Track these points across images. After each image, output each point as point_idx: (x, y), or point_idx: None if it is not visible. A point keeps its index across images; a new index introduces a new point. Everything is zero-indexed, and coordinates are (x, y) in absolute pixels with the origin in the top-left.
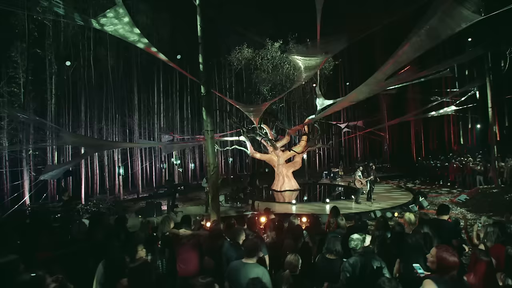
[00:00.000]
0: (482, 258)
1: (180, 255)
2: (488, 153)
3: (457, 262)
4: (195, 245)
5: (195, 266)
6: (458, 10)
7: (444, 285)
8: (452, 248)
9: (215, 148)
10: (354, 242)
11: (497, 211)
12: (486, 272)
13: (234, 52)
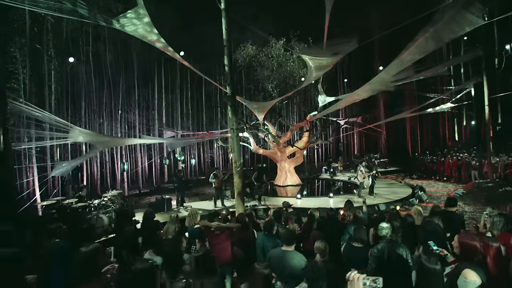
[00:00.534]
0: (492, 244)
1: (215, 245)
2: (482, 148)
3: (478, 246)
4: (228, 236)
5: (228, 256)
6: (463, 15)
7: (481, 272)
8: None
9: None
10: (384, 231)
11: (492, 204)
12: (495, 256)
13: (238, 49)
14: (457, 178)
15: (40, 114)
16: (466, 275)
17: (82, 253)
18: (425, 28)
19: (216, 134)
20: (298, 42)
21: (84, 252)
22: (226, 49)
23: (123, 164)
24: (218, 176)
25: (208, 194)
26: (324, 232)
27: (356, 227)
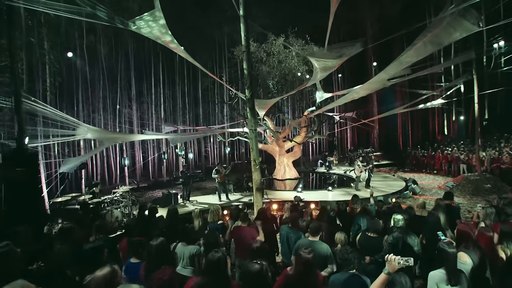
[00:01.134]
0: (486, 233)
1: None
2: (470, 143)
3: (472, 234)
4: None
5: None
6: (460, 21)
7: (473, 254)
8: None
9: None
10: (400, 222)
11: (480, 196)
12: (488, 243)
13: (239, 45)
14: (447, 171)
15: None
16: (460, 257)
17: (153, 245)
18: (424, 32)
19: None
20: (296, 38)
21: (155, 245)
22: (245, 55)
23: (124, 159)
24: (221, 172)
25: (209, 188)
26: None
27: (370, 220)
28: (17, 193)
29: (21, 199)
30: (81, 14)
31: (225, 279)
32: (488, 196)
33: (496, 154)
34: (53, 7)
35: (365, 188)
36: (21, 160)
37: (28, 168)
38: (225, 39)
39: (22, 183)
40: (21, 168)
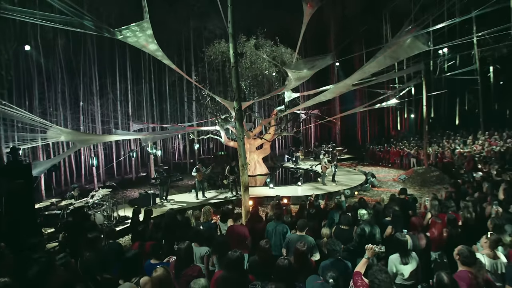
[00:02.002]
0: (437, 221)
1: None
2: (419, 139)
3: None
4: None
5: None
6: (414, 41)
7: (414, 238)
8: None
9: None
10: (365, 216)
11: (427, 186)
12: (439, 228)
13: (211, 46)
14: (399, 164)
15: (18, 114)
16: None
17: (182, 248)
18: (384, 48)
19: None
20: (265, 39)
21: (184, 248)
22: (233, 70)
23: (92, 158)
24: (200, 170)
25: (183, 186)
26: (313, 219)
27: (342, 214)
28: (17, 204)
29: (21, 210)
30: (69, 24)
31: (243, 272)
32: (433, 187)
33: (440, 149)
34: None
35: (331, 183)
36: (18, 172)
37: (25, 179)
38: (191, 34)
39: (21, 195)
40: (19, 180)
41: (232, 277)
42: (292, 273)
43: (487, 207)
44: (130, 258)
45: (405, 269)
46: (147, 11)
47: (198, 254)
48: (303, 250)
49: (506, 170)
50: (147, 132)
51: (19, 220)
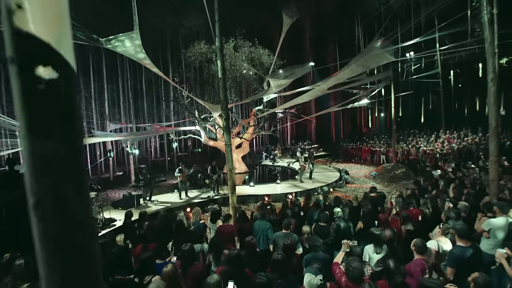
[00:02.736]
0: (395, 218)
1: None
2: (389, 137)
3: (382, 219)
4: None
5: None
6: (383, 54)
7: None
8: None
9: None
10: (339, 213)
11: (394, 182)
12: (397, 225)
13: (191, 47)
14: (370, 161)
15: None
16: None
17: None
18: (357, 57)
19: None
20: (244, 40)
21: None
22: (221, 81)
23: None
24: (183, 171)
25: (164, 186)
26: (295, 217)
27: (320, 213)
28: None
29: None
30: None
31: (241, 267)
32: (400, 182)
33: (406, 147)
34: None
35: (308, 180)
36: (15, 182)
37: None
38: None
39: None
40: (18, 190)
41: (233, 271)
42: (285, 265)
43: (441, 203)
44: (144, 259)
45: (375, 258)
46: (137, 22)
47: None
48: (291, 245)
49: (461, 167)
50: (127, 133)
51: (19, 228)
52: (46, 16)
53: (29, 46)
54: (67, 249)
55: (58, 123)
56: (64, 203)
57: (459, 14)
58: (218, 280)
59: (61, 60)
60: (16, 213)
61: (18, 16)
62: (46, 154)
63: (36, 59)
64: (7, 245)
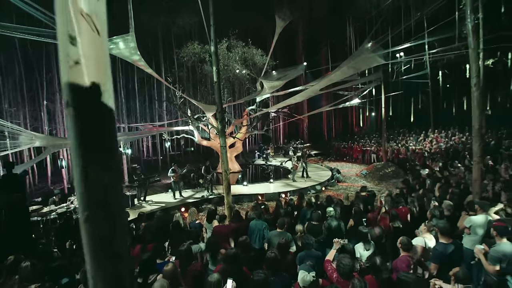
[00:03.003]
0: (384, 216)
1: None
2: (379, 136)
3: (371, 218)
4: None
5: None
6: (373, 57)
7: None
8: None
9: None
10: (331, 212)
11: (384, 181)
12: (386, 223)
13: (184, 47)
14: (361, 160)
15: None
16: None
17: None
18: (348, 60)
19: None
20: (237, 40)
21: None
22: (216, 85)
23: (60, 160)
24: (177, 171)
25: (157, 186)
26: (288, 216)
27: (313, 212)
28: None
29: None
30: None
31: (239, 266)
32: (390, 181)
33: (396, 146)
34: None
35: (301, 179)
36: (14, 185)
37: (22, 192)
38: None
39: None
40: (17, 193)
41: (231, 269)
42: (278, 263)
43: (427, 201)
44: (145, 260)
45: (365, 254)
46: (133, 25)
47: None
48: (285, 244)
49: (448, 167)
50: (120, 133)
51: (19, 231)
52: (96, 70)
53: (82, 94)
54: (109, 253)
55: (104, 155)
56: (106, 217)
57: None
58: (219, 278)
59: (106, 104)
60: (15, 215)
61: (75, 70)
62: (94, 178)
63: (87, 104)
64: (7, 247)
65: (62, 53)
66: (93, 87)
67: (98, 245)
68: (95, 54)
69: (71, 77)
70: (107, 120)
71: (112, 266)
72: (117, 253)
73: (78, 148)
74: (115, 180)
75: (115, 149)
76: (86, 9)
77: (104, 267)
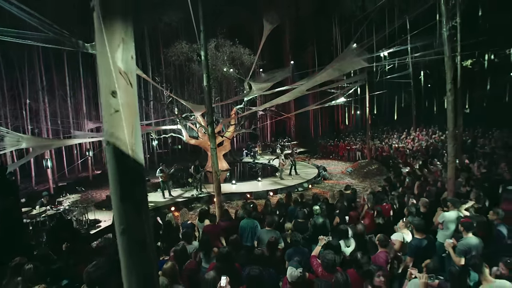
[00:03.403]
0: (368, 211)
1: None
2: (364, 134)
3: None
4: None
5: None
6: (358, 60)
7: (353, 227)
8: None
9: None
10: (317, 211)
11: (369, 178)
12: (371, 218)
13: (172, 47)
14: (347, 158)
15: None
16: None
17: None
18: (333, 62)
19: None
20: (225, 39)
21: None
22: (206, 88)
23: (46, 160)
24: (165, 171)
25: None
26: (276, 214)
27: (299, 210)
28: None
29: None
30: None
31: (231, 263)
32: (374, 178)
33: (380, 144)
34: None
35: (288, 177)
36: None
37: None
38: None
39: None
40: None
41: (224, 266)
42: (265, 259)
43: (407, 198)
44: None
45: (347, 250)
46: None
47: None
48: (274, 242)
49: (427, 164)
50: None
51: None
52: (130, 115)
53: (120, 135)
54: (140, 258)
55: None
56: (137, 232)
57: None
58: (215, 276)
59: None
60: (9, 220)
61: (115, 116)
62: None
63: (123, 142)
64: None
65: (105, 103)
66: (127, 130)
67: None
68: (129, 102)
69: (112, 123)
70: (137, 152)
71: (145, 266)
72: (149, 256)
73: (115, 179)
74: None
75: (143, 176)
76: (123, 68)
77: (138, 268)
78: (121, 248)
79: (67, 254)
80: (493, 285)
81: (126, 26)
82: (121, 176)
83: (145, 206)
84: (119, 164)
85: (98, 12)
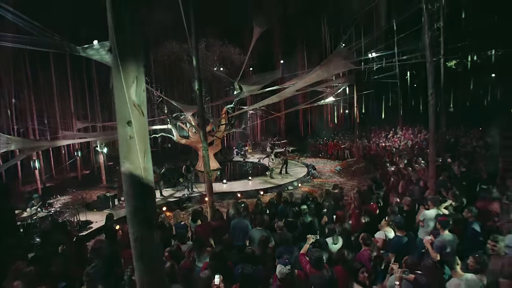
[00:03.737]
0: (355, 211)
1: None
2: (352, 132)
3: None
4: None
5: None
6: (346, 62)
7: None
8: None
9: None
10: (306, 210)
11: (356, 176)
12: (358, 217)
13: (162, 46)
14: (336, 156)
15: None
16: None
17: (172, 250)
18: (322, 64)
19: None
20: (214, 39)
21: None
22: (198, 92)
23: (33, 161)
24: (156, 171)
25: None
26: (267, 213)
27: (289, 209)
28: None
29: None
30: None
31: (224, 261)
32: (362, 176)
33: (368, 143)
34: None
35: (278, 175)
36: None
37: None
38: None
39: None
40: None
41: (217, 264)
42: (255, 258)
43: (391, 197)
44: None
45: (335, 248)
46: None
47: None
48: (265, 241)
49: (412, 163)
50: (98, 133)
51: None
52: (142, 142)
53: (134, 158)
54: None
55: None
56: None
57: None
58: (209, 274)
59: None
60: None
61: (130, 143)
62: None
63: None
64: None
65: (121, 131)
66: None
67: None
68: (141, 130)
69: (127, 147)
70: (148, 172)
71: (155, 268)
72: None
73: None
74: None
75: (153, 192)
76: (136, 101)
77: (150, 269)
78: (134, 251)
79: (63, 257)
80: (462, 278)
81: (138, 66)
82: (135, 192)
83: (155, 217)
84: (133, 182)
85: (116, 54)
